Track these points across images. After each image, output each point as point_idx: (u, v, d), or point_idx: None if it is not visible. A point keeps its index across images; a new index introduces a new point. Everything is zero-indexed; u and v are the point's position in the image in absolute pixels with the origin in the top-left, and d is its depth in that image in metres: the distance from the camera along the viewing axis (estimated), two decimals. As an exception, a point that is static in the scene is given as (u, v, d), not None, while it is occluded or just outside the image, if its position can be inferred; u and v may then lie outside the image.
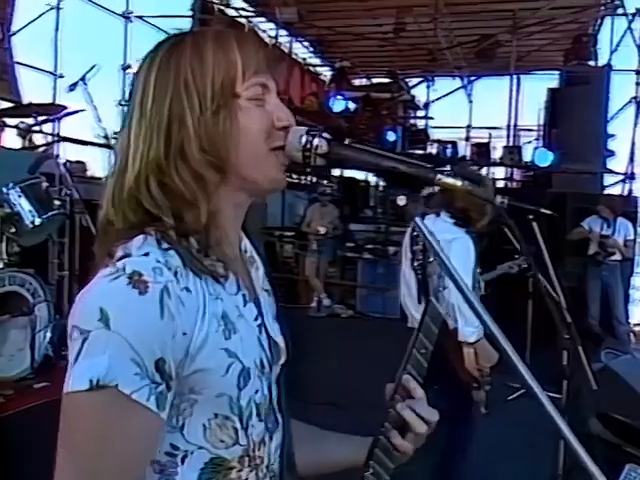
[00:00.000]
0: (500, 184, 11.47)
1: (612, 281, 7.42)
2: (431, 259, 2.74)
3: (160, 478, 0.86)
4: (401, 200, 0.89)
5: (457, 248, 2.79)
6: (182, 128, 0.87)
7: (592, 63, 10.45)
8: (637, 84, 9.48)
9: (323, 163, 0.92)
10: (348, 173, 10.98)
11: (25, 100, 6.78)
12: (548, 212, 3.16)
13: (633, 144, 9.26)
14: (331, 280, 9.39)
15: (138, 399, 0.78)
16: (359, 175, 11.43)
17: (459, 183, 0.88)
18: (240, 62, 0.90)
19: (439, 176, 0.88)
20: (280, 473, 0.98)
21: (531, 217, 3.10)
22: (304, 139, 0.91)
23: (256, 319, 0.93)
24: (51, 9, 8.36)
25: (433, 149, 10.50)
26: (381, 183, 13.48)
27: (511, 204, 3.07)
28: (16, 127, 4.42)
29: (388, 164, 0.90)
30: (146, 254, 0.82)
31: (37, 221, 3.60)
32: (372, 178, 13.91)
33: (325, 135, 0.92)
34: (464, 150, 10.68)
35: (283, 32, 12.08)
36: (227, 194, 0.92)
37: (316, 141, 0.91)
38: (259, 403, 0.90)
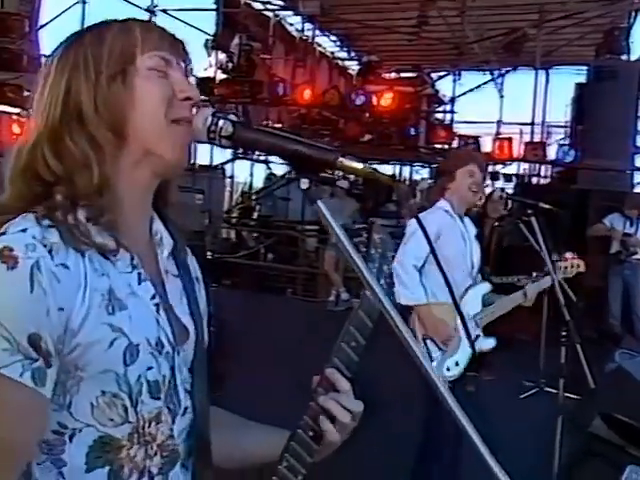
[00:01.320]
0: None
1: (634, 280, 7.26)
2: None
3: (48, 458, 0.85)
4: (304, 183, 0.88)
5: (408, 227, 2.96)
6: (79, 93, 0.89)
7: (624, 57, 10.21)
8: (668, 79, 9.20)
9: (229, 144, 0.91)
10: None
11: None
12: (547, 207, 3.11)
13: (662, 141, 9.04)
14: (350, 274, 9.37)
15: (10, 374, 0.77)
16: (384, 169, 11.37)
17: (360, 166, 0.86)
18: (140, 38, 0.92)
19: (340, 159, 0.87)
20: (189, 457, 0.97)
21: (530, 212, 3.06)
22: (209, 120, 0.91)
23: (153, 298, 0.92)
24: (77, 3, 8.50)
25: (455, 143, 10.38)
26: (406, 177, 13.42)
27: (510, 198, 3.04)
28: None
29: (292, 147, 0.89)
30: (23, 230, 0.82)
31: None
32: (397, 172, 13.87)
33: (231, 117, 0.91)
34: (490, 145, 10.51)
35: (309, 26, 12.06)
36: (127, 164, 0.91)
37: (221, 123, 0.90)
38: (152, 380, 0.89)
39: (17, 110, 7.97)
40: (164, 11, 10.06)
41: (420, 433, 3.06)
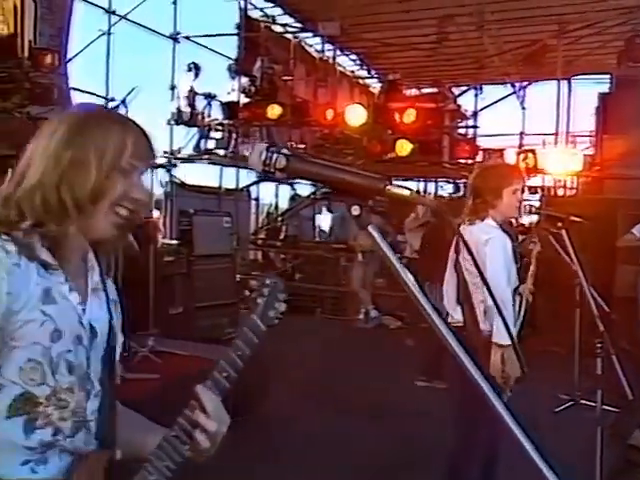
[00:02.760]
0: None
1: (666, 289, 7.15)
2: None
3: None
4: (355, 210, 0.93)
5: (491, 246, 2.87)
6: (78, 173, 1.17)
7: (647, 65, 10.14)
8: (691, 85, 9.13)
9: (283, 176, 0.97)
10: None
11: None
12: (577, 219, 3.12)
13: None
14: (379, 291, 9.39)
15: None
16: (409, 185, 11.35)
17: (407, 193, 0.92)
18: (131, 146, 1.21)
19: (388, 187, 0.92)
20: (98, 432, 1.23)
21: (560, 224, 3.07)
22: (264, 155, 0.97)
23: (79, 304, 1.22)
24: (102, 35, 8.72)
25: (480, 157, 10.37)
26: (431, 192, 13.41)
27: (542, 212, 3.06)
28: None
29: (340, 176, 0.94)
30: None
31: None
32: (421, 189, 13.87)
33: (284, 151, 0.97)
34: (513, 158, 10.48)
35: (329, 46, 12.21)
36: (77, 228, 1.21)
37: (275, 156, 0.96)
38: (69, 360, 1.18)
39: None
40: (187, 38, 10.26)
41: (453, 439, 3.06)
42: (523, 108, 12.26)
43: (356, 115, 9.57)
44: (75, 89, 8.61)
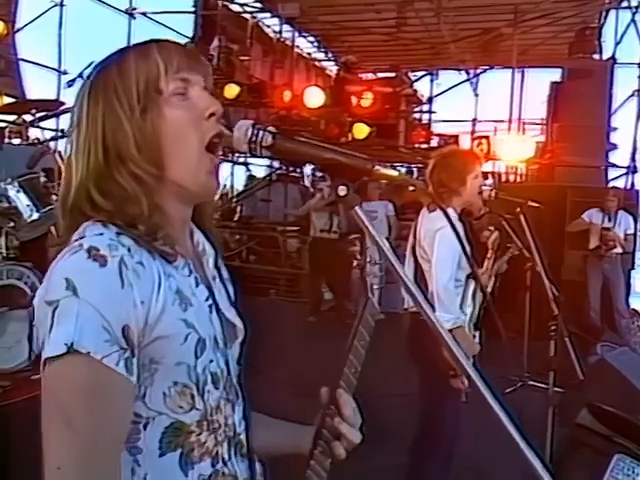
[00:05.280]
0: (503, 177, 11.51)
1: (613, 274, 7.42)
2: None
3: (124, 447, 0.91)
4: (342, 190, 0.93)
5: (441, 234, 2.90)
6: (118, 133, 0.95)
7: (596, 56, 10.40)
8: (640, 77, 9.43)
9: (268, 154, 0.96)
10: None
11: (30, 96, 6.85)
12: (535, 204, 3.19)
13: (635, 137, 9.22)
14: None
15: (108, 364, 0.84)
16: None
17: (395, 174, 0.92)
18: (161, 62, 0.97)
19: (376, 167, 0.92)
20: (247, 444, 1.06)
21: (518, 209, 3.14)
22: (250, 132, 0.96)
23: (207, 300, 1.01)
24: (55, 6, 8.43)
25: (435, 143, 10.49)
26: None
27: (499, 197, 3.12)
28: (13, 123, 4.47)
29: (328, 155, 0.94)
30: (100, 234, 0.90)
31: (35, 216, 3.66)
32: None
33: (270, 128, 0.96)
34: (468, 144, 10.63)
35: (287, 27, 12.09)
36: (169, 194, 0.99)
37: (261, 134, 0.95)
38: (214, 372, 0.98)
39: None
40: (143, 14, 10.02)
41: (417, 431, 3.13)
42: (476, 95, 12.43)
43: (314, 97, 9.53)
44: (25, 60, 8.32)
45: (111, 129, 0.95)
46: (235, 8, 12.02)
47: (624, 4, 9.81)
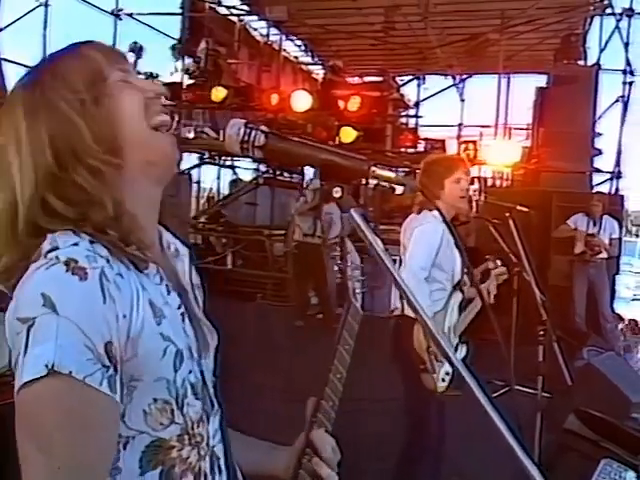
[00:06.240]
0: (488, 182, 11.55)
1: (598, 279, 7.47)
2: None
3: None
4: (337, 192, 0.90)
5: (420, 230, 3.01)
6: (69, 131, 0.89)
7: (581, 62, 10.49)
8: (624, 83, 9.51)
9: (261, 155, 0.94)
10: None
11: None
12: (524, 209, 3.19)
13: (620, 143, 9.31)
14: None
15: (91, 383, 0.78)
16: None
17: (392, 174, 0.90)
18: (98, 54, 0.95)
19: (373, 168, 0.90)
20: (225, 456, 1.00)
21: (508, 214, 3.14)
22: (242, 131, 0.93)
23: (179, 308, 0.95)
24: (39, 6, 8.36)
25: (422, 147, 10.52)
26: (372, 182, 13.50)
27: (488, 202, 3.12)
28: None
29: (323, 156, 0.91)
30: (75, 244, 0.84)
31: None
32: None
33: (263, 128, 0.93)
34: (454, 148, 10.67)
35: (274, 31, 12.08)
36: (128, 181, 0.93)
37: (253, 133, 0.93)
38: (193, 383, 0.93)
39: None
40: (129, 15, 9.95)
41: (404, 435, 3.11)
42: (462, 100, 12.48)
43: (302, 101, 9.51)
44: (7, 60, 8.22)
45: (60, 131, 0.89)
46: (222, 11, 11.99)
47: (608, 11, 9.89)
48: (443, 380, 2.92)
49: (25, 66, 8.51)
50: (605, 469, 3.22)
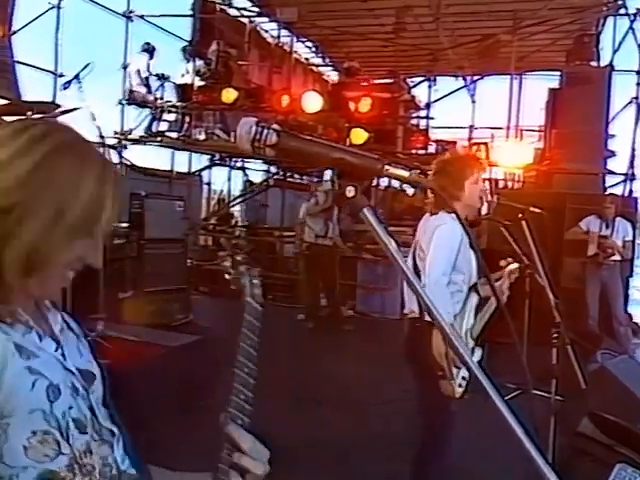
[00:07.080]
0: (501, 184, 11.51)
1: (611, 282, 7.39)
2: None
3: None
4: (350, 192, 0.89)
5: (439, 231, 2.91)
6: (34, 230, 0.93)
7: (594, 63, 10.41)
8: (638, 84, 9.42)
9: (273, 153, 0.92)
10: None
11: (26, 99, 6.80)
12: (537, 210, 3.16)
13: (634, 145, 9.22)
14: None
15: None
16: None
17: (406, 173, 0.88)
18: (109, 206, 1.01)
19: (387, 167, 0.88)
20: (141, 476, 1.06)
21: (521, 215, 3.11)
22: (253, 130, 0.91)
23: (57, 350, 1.00)
24: (52, 8, 8.40)
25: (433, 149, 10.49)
26: (382, 183, 13.50)
27: (500, 203, 3.09)
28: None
29: (336, 155, 0.90)
30: None
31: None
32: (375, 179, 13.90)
33: (274, 126, 0.92)
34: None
35: (285, 32, 12.08)
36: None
37: (265, 132, 0.91)
38: (76, 418, 0.95)
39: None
40: (141, 17, 9.98)
41: (418, 437, 3.09)
42: (473, 101, 12.43)
43: (312, 102, 9.49)
44: (21, 62, 8.27)
45: (27, 226, 0.93)
46: (233, 12, 12.01)
47: (622, 11, 9.81)
48: (460, 385, 2.89)
49: (39, 68, 8.57)
50: (620, 474, 3.18)
